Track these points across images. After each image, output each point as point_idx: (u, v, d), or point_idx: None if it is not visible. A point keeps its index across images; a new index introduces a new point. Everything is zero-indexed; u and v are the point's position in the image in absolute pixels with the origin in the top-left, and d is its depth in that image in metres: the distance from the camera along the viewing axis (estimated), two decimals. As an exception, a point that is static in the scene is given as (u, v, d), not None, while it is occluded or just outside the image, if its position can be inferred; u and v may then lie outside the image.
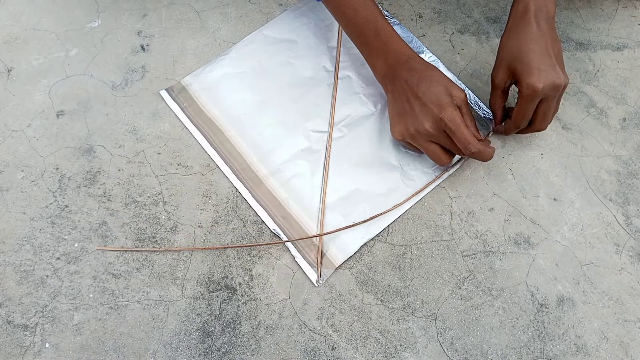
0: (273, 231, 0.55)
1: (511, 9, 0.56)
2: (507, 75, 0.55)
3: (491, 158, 0.54)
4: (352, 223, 0.55)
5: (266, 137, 0.60)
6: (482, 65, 0.66)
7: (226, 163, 0.59)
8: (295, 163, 0.59)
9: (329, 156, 0.59)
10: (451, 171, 0.59)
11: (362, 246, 0.55)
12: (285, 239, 0.55)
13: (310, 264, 0.54)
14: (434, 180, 0.58)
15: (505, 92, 0.57)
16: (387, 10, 0.68)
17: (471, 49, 0.67)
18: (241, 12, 0.69)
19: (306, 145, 0.60)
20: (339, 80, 0.64)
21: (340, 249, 0.55)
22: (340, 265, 0.54)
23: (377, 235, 0.56)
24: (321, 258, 0.54)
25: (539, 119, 0.56)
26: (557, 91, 0.53)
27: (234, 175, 0.58)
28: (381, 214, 0.56)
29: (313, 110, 0.62)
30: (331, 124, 0.61)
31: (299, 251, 0.55)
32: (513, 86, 0.58)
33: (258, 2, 0.70)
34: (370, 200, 0.57)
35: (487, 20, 0.69)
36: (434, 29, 0.68)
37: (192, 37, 0.67)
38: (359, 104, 0.62)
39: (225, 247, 0.55)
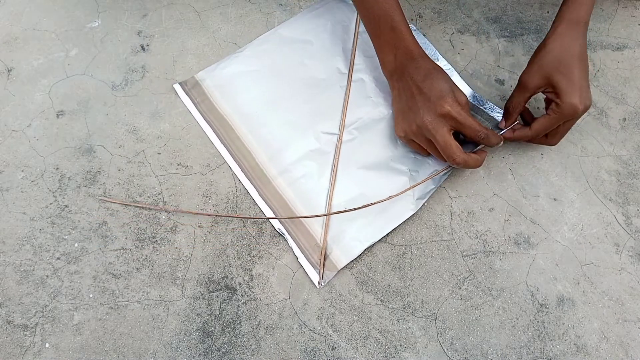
0: (278, 231, 0.55)
1: (561, 12, 0.53)
2: (543, 82, 0.53)
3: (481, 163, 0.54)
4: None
5: (276, 136, 0.60)
6: (482, 65, 0.66)
7: (235, 161, 0.59)
8: (304, 164, 0.59)
9: (337, 158, 0.59)
10: (450, 171, 0.59)
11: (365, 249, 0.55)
12: (289, 239, 0.55)
13: (313, 265, 0.54)
14: (431, 176, 0.58)
15: (531, 97, 0.56)
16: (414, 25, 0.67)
17: (471, 49, 0.67)
18: (241, 12, 0.69)
19: (316, 147, 0.60)
20: (352, 83, 0.63)
21: (343, 251, 0.54)
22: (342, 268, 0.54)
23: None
24: (324, 259, 0.54)
25: (558, 135, 0.56)
26: (585, 112, 0.53)
27: (242, 173, 0.58)
28: (373, 203, 0.55)
29: (324, 112, 0.62)
30: (342, 127, 0.61)
31: (302, 252, 0.54)
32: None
33: (258, 2, 0.70)
34: (377, 205, 0.56)
35: (487, 20, 0.69)
36: (434, 29, 0.68)
37: (192, 37, 0.67)
38: (371, 108, 0.62)
39: (234, 216, 0.55)
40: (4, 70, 0.64)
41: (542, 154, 0.60)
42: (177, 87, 0.63)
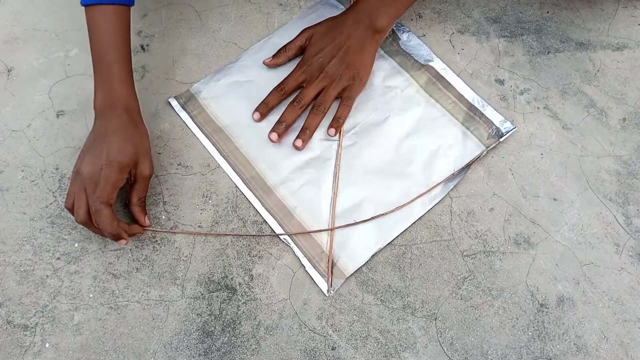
0: (283, 241, 0.55)
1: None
2: None
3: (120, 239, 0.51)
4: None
5: (275, 145, 0.60)
6: (482, 65, 0.66)
7: (235, 172, 0.58)
8: (305, 171, 0.58)
9: (339, 164, 0.59)
10: (458, 179, 0.58)
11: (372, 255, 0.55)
12: (296, 248, 0.55)
13: (321, 274, 0.54)
14: (439, 184, 0.57)
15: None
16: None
17: (471, 49, 0.67)
18: (241, 12, 0.69)
19: (316, 154, 0.59)
20: None
21: (351, 258, 0.54)
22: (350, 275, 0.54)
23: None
24: (332, 267, 0.54)
25: None
26: None
27: (244, 184, 0.58)
28: (383, 214, 0.56)
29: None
30: (341, 132, 0.60)
31: (309, 260, 0.54)
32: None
33: (258, 2, 0.70)
34: (380, 209, 0.56)
35: (487, 20, 0.69)
36: (434, 29, 0.68)
37: (192, 37, 0.67)
38: (369, 112, 0.62)
39: (245, 235, 0.55)
40: (4, 70, 0.64)
41: (542, 154, 0.60)
42: (173, 100, 0.62)
